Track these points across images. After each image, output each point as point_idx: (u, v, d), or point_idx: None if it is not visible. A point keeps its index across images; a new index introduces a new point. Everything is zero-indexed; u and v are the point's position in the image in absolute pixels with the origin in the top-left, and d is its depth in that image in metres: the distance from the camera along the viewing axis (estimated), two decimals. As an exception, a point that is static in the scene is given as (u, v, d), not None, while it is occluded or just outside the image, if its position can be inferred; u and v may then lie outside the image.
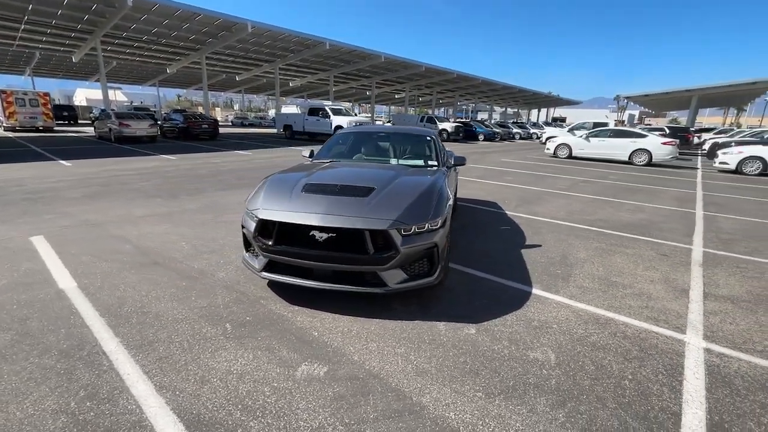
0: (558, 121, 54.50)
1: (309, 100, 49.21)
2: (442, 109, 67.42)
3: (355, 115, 24.72)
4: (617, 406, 2.00)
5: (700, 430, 1.86)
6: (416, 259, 2.83)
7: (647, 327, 2.81)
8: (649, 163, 14.30)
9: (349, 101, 57.97)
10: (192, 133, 19.14)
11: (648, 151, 14.20)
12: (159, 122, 20.37)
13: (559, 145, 16.24)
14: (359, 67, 30.25)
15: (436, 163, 4.26)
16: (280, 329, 2.63)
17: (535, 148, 22.77)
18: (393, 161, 4.41)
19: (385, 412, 1.91)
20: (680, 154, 16.75)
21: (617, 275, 3.76)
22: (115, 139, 16.58)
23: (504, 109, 69.83)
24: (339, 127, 19.55)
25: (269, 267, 2.93)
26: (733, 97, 43.91)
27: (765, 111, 61.55)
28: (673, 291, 3.45)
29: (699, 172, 12.98)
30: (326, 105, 20.80)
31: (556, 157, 16.23)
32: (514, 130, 35.49)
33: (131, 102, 55.45)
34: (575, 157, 15.77)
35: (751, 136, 18.70)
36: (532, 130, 37.63)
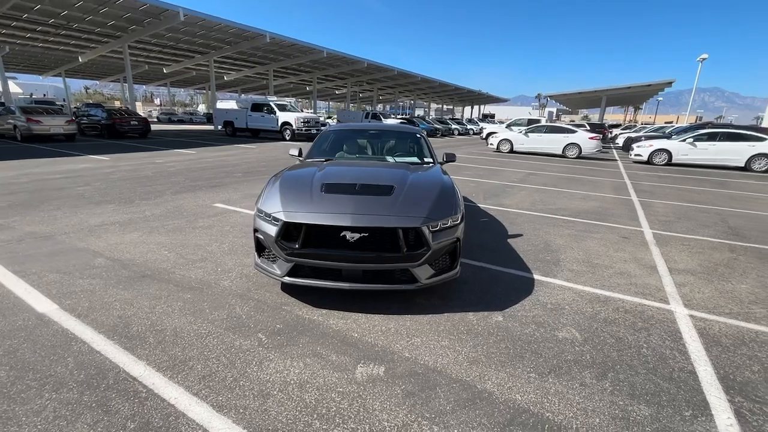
0: (488, 118, 58.15)
1: (246, 95, 46.69)
2: (380, 106, 68.15)
3: (301, 111, 24.05)
4: (647, 371, 2.29)
5: (715, 383, 2.20)
6: (443, 254, 2.91)
7: (639, 301, 3.21)
8: (579, 156, 15.92)
9: (288, 96, 56.11)
10: (119, 131, 17.20)
11: (578, 145, 15.81)
12: (76, 118, 17.97)
13: (502, 140, 17.39)
14: (300, 62, 29.43)
15: (431, 159, 4.38)
16: (318, 334, 2.56)
17: (476, 143, 24.09)
18: (390, 159, 4.44)
19: (458, 402, 1.98)
20: (600, 147, 18.86)
21: (596, 258, 4.20)
22: (22, 138, 14.36)
23: (440, 106, 72.64)
24: (287, 123, 18.93)
25: (294, 271, 2.82)
26: (633, 97, 50.30)
27: (656, 110, 71.40)
28: (644, 268, 3.96)
29: (620, 163, 14.75)
30: (271, 100, 19.97)
31: (499, 151, 17.35)
32: (453, 126, 37.19)
33: (31, 94, 47.87)
34: (516, 152, 16.99)
35: (654, 131, 21.71)
36: (468, 126, 39.80)
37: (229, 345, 2.40)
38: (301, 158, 4.46)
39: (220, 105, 21.83)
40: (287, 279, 2.83)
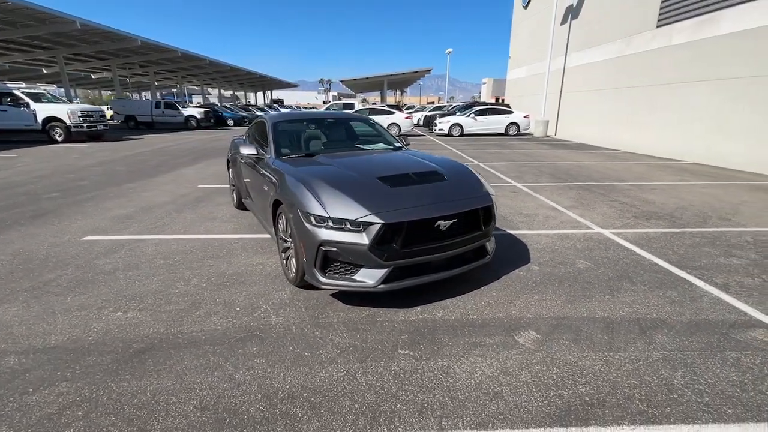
0: (277, 104, 57.92)
1: None
2: (145, 93, 57.26)
3: (70, 102, 17.75)
4: (642, 272, 3.37)
5: (670, 267, 3.47)
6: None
7: (581, 231, 4.45)
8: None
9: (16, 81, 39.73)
10: None
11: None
12: None
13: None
14: (34, 35, 21.32)
15: (400, 144, 4.45)
16: (446, 329, 2.51)
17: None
18: (366, 147, 4.24)
19: (598, 326, 2.47)
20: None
21: (521, 209, 5.38)
22: None
23: (219, 91, 66.68)
24: (53, 119, 13.84)
25: (391, 277, 2.58)
26: (405, 81, 60.01)
27: (420, 93, 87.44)
28: (552, 210, 5.37)
29: (431, 137, 17.85)
30: (15, 87, 14.03)
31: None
32: (258, 113, 35.57)
33: None
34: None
35: (434, 110, 26.97)
36: (271, 113, 38.92)
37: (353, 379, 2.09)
38: (271, 157, 3.70)
39: None
40: (382, 287, 2.57)
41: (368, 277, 2.57)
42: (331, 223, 2.55)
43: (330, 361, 2.20)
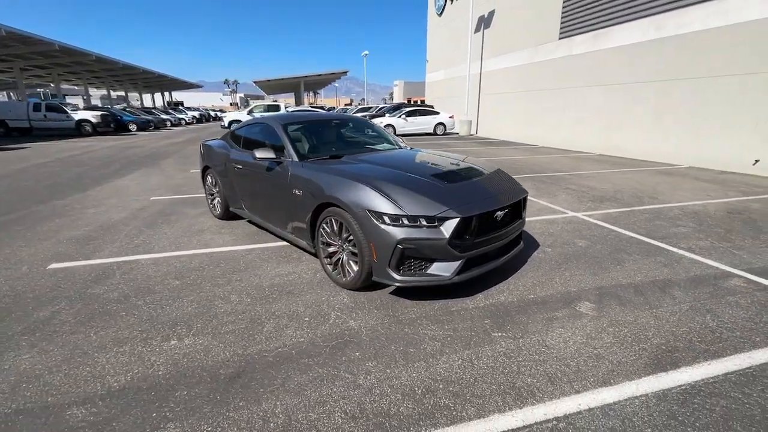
0: (178, 106, 52.90)
1: None
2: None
3: None
4: (628, 245, 4.02)
5: (645, 239, 4.19)
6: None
7: (561, 216, 5.08)
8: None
9: None
10: None
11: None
12: None
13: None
14: None
15: (402, 144, 4.55)
16: (516, 310, 2.75)
17: (222, 131, 22.19)
18: (378, 147, 4.24)
19: (631, 298, 2.95)
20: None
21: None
22: None
23: (108, 92, 58.49)
24: None
25: (465, 267, 2.73)
26: (321, 83, 59.43)
27: (335, 94, 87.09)
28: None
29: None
30: None
31: None
32: (163, 117, 32.17)
33: None
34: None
35: (359, 111, 27.32)
36: (178, 116, 35.61)
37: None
38: (292, 160, 3.52)
39: None
40: (457, 278, 2.70)
41: (443, 270, 2.68)
42: (406, 221, 2.59)
43: (439, 352, 2.27)
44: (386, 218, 2.61)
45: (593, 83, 12.67)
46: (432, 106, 23.75)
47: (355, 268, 2.89)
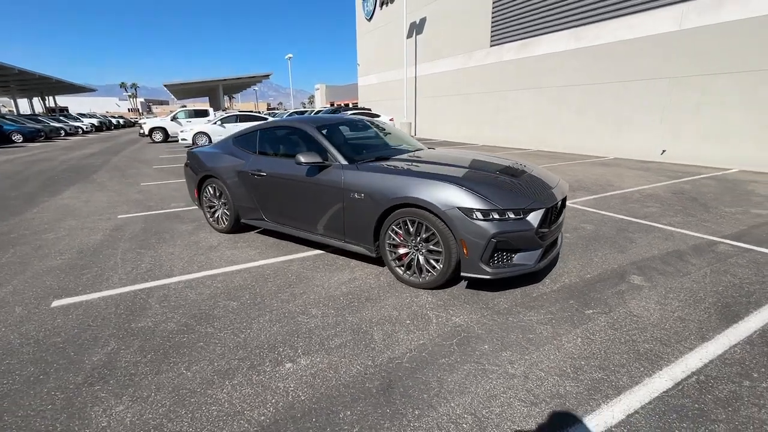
0: (62, 112, 46.42)
1: None
2: None
3: None
4: (626, 225, 4.62)
5: (634, 219, 4.85)
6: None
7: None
8: None
9: None
10: None
11: None
12: None
13: (197, 133, 15.89)
14: None
15: (420, 144, 4.62)
16: (579, 291, 3.03)
17: (140, 140, 19.79)
18: (404, 146, 4.22)
19: (664, 268, 3.44)
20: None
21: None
22: None
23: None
24: None
25: (544, 255, 2.92)
26: (241, 86, 56.16)
27: (256, 98, 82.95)
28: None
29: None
30: None
31: (195, 145, 15.76)
32: (56, 125, 27.69)
33: None
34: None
35: (290, 115, 26.50)
36: (74, 124, 31.06)
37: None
38: (322, 166, 3.40)
39: None
40: (539, 265, 2.89)
41: (526, 260, 2.84)
42: (496, 215, 2.70)
43: (556, 335, 2.42)
44: (478, 214, 2.68)
45: (524, 87, 14.05)
46: (370, 109, 24.01)
47: (438, 266, 2.91)
